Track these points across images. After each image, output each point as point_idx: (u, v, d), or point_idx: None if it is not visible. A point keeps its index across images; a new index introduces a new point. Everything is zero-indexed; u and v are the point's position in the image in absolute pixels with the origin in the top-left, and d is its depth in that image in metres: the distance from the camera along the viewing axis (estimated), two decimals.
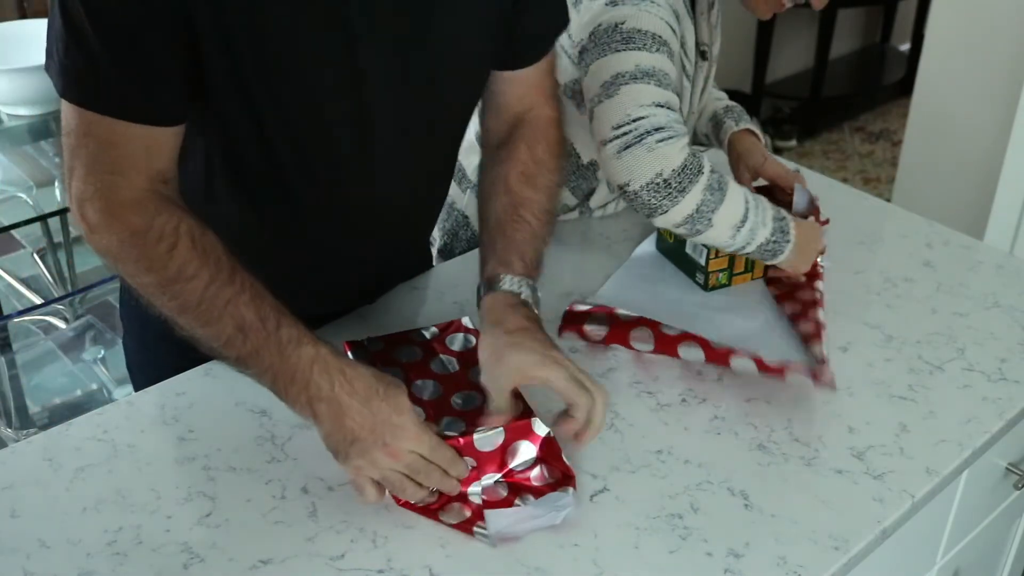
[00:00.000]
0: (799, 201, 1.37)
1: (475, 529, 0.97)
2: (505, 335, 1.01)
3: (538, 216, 1.11)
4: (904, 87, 4.06)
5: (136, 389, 1.27)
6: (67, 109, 0.93)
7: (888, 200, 2.99)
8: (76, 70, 0.91)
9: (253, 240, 1.08)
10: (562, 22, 1.19)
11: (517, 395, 1.02)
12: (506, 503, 0.99)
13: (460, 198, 1.52)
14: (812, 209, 1.38)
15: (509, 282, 1.05)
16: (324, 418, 0.94)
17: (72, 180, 0.94)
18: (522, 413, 1.02)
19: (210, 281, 0.93)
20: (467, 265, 1.41)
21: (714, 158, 1.61)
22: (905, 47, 4.42)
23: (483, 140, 1.22)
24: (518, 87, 1.17)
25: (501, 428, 0.99)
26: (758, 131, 1.48)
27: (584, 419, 0.98)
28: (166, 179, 0.96)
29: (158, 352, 1.09)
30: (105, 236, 0.95)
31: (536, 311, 1.06)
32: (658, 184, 1.18)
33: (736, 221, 1.23)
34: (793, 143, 3.94)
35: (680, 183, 1.19)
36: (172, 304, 0.95)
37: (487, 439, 0.99)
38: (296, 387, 0.93)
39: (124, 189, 0.93)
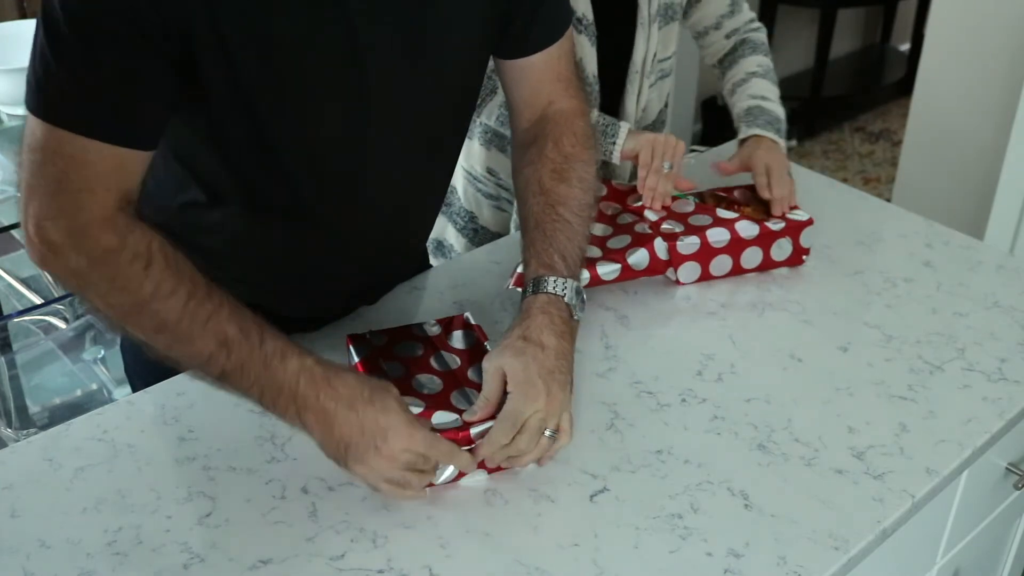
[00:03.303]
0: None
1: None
2: (521, 340, 1.01)
3: (576, 212, 1.11)
4: (904, 87, 4.05)
5: None
6: (35, 125, 0.89)
7: (888, 200, 2.99)
8: (54, 87, 0.88)
9: (253, 247, 1.07)
10: (565, 11, 1.18)
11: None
12: None
13: None
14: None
15: (552, 284, 1.05)
16: (314, 428, 0.94)
17: (32, 198, 0.90)
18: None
19: (188, 298, 0.92)
20: (467, 265, 1.41)
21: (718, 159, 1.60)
22: (905, 47, 4.42)
23: (511, 144, 1.22)
24: (531, 76, 1.16)
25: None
26: (774, 136, 1.46)
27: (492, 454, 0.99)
28: (131, 200, 0.94)
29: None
30: (72, 256, 0.91)
31: (578, 314, 1.06)
32: None
33: None
34: (793, 143, 3.94)
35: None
36: (148, 323, 0.93)
37: (484, 432, 1.00)
38: (283, 399, 0.93)
39: (94, 207, 0.91)
